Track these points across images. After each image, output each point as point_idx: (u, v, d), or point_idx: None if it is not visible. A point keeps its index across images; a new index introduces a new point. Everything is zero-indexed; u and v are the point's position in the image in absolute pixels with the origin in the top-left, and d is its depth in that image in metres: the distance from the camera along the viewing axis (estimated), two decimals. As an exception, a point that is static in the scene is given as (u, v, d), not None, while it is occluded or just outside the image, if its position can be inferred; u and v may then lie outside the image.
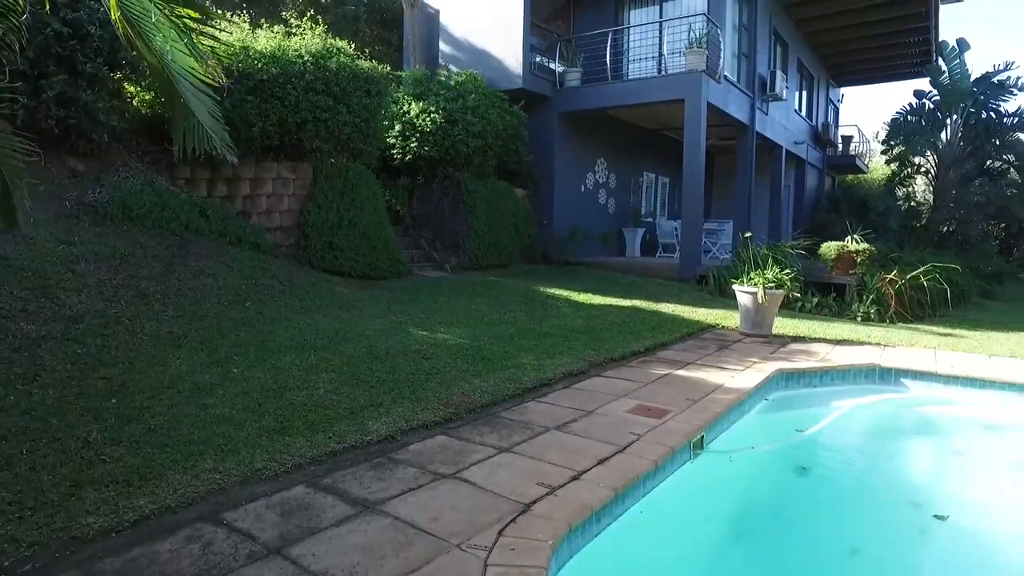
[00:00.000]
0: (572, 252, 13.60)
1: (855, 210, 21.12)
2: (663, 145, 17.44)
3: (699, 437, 4.16)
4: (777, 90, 15.63)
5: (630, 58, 14.02)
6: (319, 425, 3.84)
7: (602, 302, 9.42)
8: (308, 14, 10.08)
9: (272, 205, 8.90)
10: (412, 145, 11.26)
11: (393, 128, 11.41)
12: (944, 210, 17.58)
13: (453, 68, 13.30)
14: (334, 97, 8.89)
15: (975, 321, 9.92)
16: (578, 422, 4.24)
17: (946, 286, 10.18)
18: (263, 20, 11.91)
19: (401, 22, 18.32)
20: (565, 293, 9.85)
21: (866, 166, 26.21)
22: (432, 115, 11.13)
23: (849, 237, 10.96)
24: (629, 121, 15.74)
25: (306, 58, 8.72)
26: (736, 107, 13.87)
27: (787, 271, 7.83)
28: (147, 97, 8.17)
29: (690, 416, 4.43)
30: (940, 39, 18.64)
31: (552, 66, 13.96)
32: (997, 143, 17.72)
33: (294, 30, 9.52)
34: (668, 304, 9.55)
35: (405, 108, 11.60)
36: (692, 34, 12.27)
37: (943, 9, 18.33)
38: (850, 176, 26.68)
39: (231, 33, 8.35)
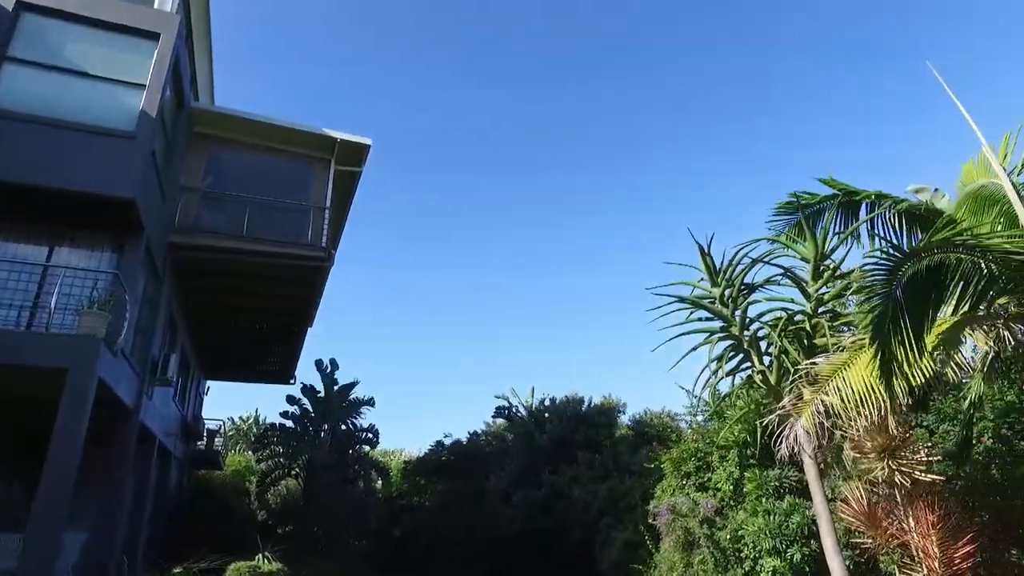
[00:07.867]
0: None
1: (218, 513, 19.57)
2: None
3: None
4: (169, 374, 13.94)
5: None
6: None
7: None
8: None
9: None
10: None
11: None
12: (314, 515, 17.96)
13: None
14: None
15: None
16: None
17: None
18: None
19: None
20: None
21: (223, 462, 25.41)
22: None
23: (260, 555, 9.50)
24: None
25: None
26: (126, 388, 11.39)
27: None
28: None
29: None
30: (317, 357, 21.01)
31: None
32: (353, 454, 19.93)
33: None
34: None
35: None
36: (95, 292, 9.90)
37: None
38: (203, 471, 25.18)
39: None
